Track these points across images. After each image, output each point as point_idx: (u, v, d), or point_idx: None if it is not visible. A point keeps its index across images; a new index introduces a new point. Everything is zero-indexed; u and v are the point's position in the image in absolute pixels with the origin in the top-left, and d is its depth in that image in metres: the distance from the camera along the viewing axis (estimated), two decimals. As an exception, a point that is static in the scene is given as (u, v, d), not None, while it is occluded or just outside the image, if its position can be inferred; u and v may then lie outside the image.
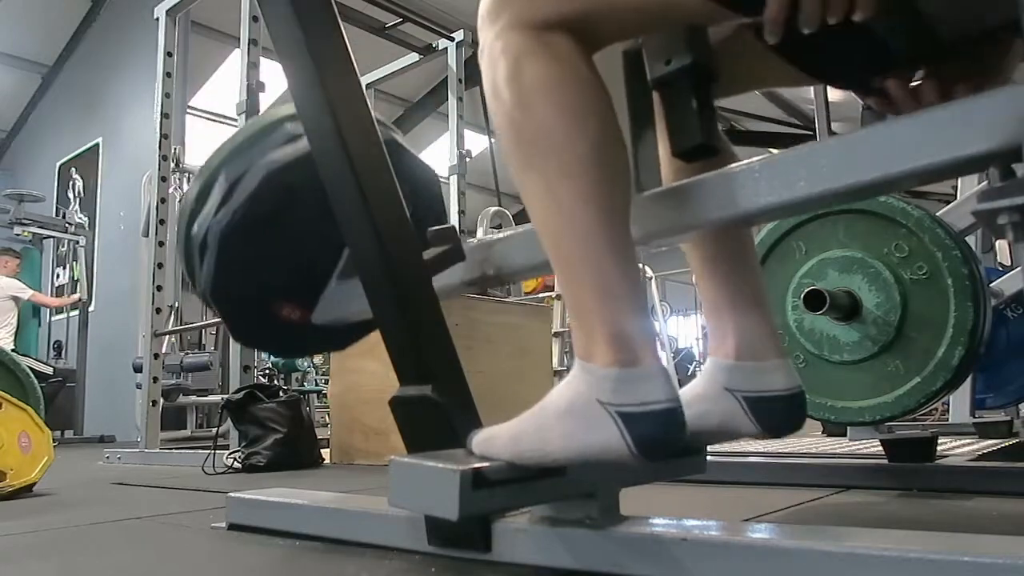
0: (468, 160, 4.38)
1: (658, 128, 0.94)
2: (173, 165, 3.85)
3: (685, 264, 1.04)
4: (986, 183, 0.69)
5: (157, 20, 3.72)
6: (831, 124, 2.05)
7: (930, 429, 2.23)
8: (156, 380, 3.47)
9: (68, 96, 8.40)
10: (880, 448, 1.68)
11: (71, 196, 8.08)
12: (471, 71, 1.02)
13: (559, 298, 4.98)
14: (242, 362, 3.07)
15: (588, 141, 0.79)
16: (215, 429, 2.90)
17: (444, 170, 4.55)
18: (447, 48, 4.58)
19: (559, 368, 5.03)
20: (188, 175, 4.78)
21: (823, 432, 2.74)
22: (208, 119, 8.42)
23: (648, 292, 7.29)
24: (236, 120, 3.27)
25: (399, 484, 0.84)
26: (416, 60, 4.79)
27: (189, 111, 7.14)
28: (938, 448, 1.67)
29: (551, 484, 0.84)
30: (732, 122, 7.28)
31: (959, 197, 2.21)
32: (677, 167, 0.96)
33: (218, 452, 2.57)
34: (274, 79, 2.66)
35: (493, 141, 5.79)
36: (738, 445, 2.21)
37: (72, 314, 7.18)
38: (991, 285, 1.82)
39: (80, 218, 7.76)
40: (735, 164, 0.84)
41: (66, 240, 7.50)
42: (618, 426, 0.74)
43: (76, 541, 1.25)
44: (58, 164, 8.33)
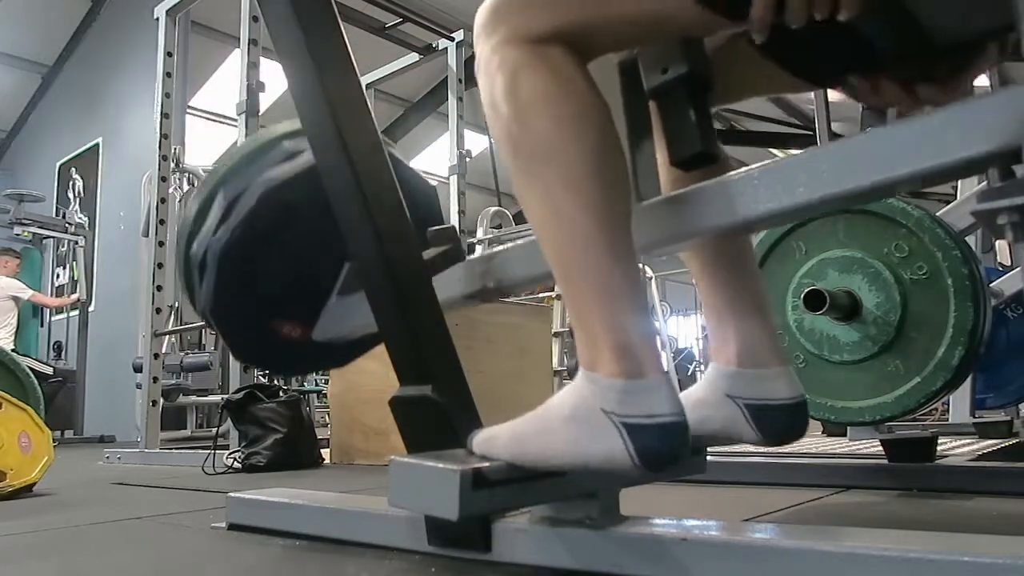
0: (468, 160, 4.38)
1: (655, 137, 0.94)
2: (173, 165, 3.86)
3: (685, 264, 1.04)
4: (986, 183, 0.68)
5: (157, 20, 3.72)
6: (831, 124, 2.05)
7: (930, 429, 2.22)
8: (156, 380, 3.47)
9: (68, 96, 8.40)
10: (880, 448, 1.68)
11: (71, 196, 8.08)
12: (471, 71, 1.02)
13: (559, 298, 4.99)
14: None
15: (587, 152, 0.79)
16: (215, 429, 2.90)
17: (444, 170, 4.56)
18: (447, 48, 4.58)
19: (559, 368, 5.03)
20: (188, 175, 4.78)
21: (823, 432, 2.74)
22: (208, 119, 8.43)
23: (648, 292, 7.29)
24: (236, 120, 3.28)
25: (399, 484, 0.84)
26: (416, 60, 4.79)
27: (189, 111, 7.14)
28: (938, 448, 1.67)
29: (551, 484, 0.84)
30: (732, 122, 7.29)
31: (959, 197, 2.21)
32: (675, 176, 0.96)
33: (218, 452, 2.57)
34: (274, 79, 2.66)
35: (493, 141, 5.79)
36: (738, 445, 2.20)
37: (72, 314, 7.18)
38: (991, 285, 1.82)
39: (80, 218, 7.75)
40: (734, 171, 0.84)
41: (66, 240, 7.50)
42: (622, 437, 0.74)
43: (76, 541, 1.25)
44: (58, 164, 8.32)
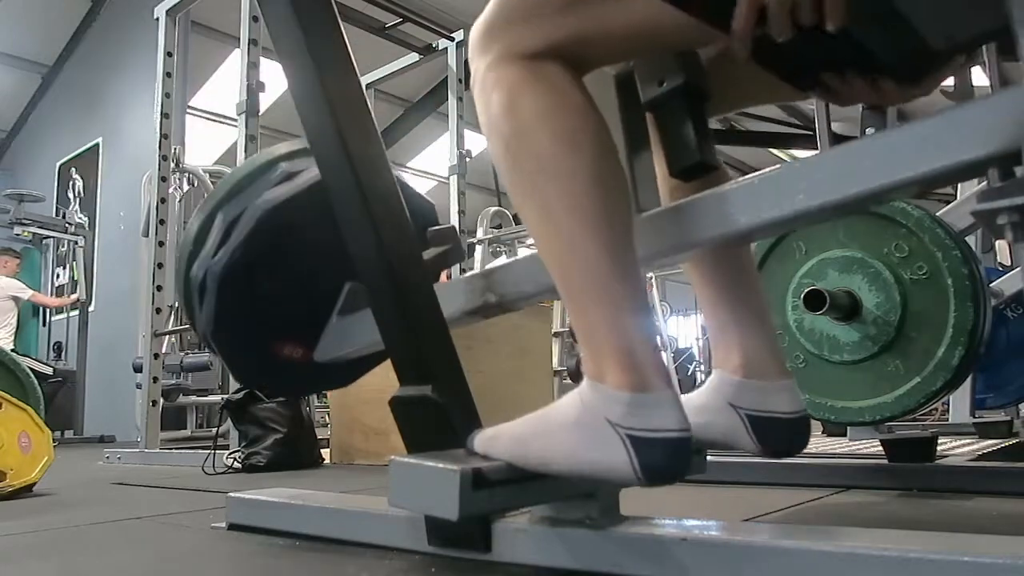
0: (468, 160, 4.38)
1: (654, 148, 0.93)
2: (173, 165, 3.85)
3: (686, 275, 1.04)
4: (985, 183, 0.68)
5: (157, 20, 3.72)
6: (831, 124, 2.05)
7: (930, 429, 2.23)
8: (156, 380, 3.47)
9: (68, 96, 8.40)
10: (880, 448, 1.68)
11: (71, 196, 8.08)
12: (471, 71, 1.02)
13: (559, 298, 4.98)
14: (242, 362, 3.06)
15: (586, 167, 0.79)
16: (215, 429, 2.90)
17: (444, 170, 4.56)
18: (447, 48, 4.58)
19: (559, 368, 5.04)
20: (188, 175, 4.78)
21: (823, 432, 2.74)
22: (208, 119, 8.42)
23: (648, 294, 7.28)
24: (236, 120, 3.28)
25: (399, 484, 0.84)
26: (416, 60, 4.79)
27: (189, 111, 7.14)
28: (938, 448, 1.66)
29: (551, 484, 0.84)
30: (732, 122, 7.29)
31: (959, 197, 2.21)
32: (674, 186, 0.97)
33: (218, 452, 2.57)
34: (274, 79, 2.66)
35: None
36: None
37: (72, 314, 7.18)
38: (991, 285, 1.82)
39: (80, 218, 7.75)
40: (734, 180, 0.84)
41: (66, 240, 7.50)
42: (626, 449, 0.74)
43: (76, 541, 1.25)
44: (58, 164, 8.32)
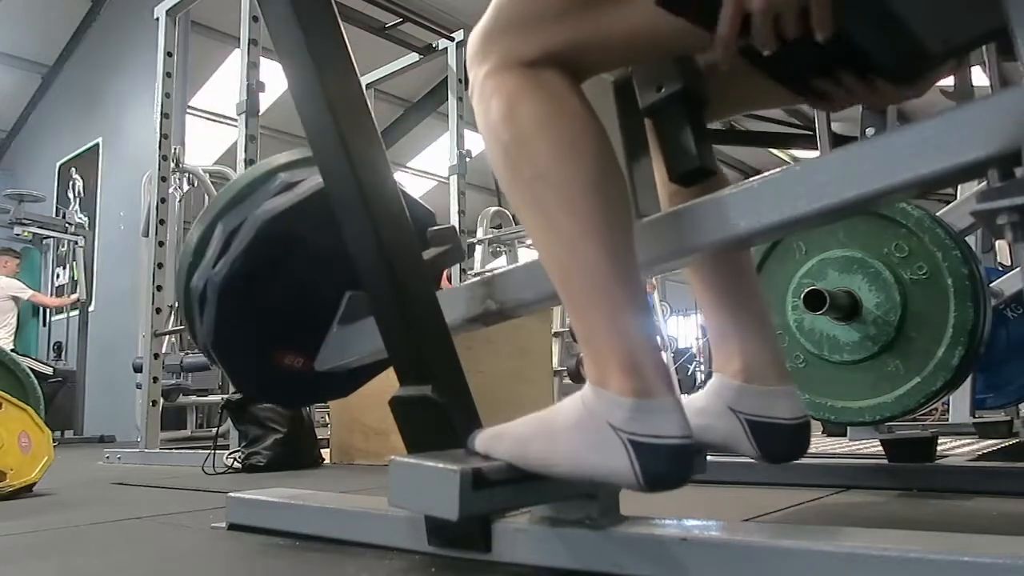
0: (468, 160, 4.38)
1: (653, 154, 0.93)
2: (173, 165, 3.85)
3: (687, 281, 1.03)
4: (985, 183, 0.68)
5: (157, 20, 3.72)
6: (831, 124, 2.05)
7: (930, 429, 2.23)
8: (156, 380, 3.47)
9: (68, 96, 8.40)
10: (880, 448, 1.68)
11: (71, 196, 8.07)
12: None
13: (559, 305, 4.98)
14: (242, 362, 3.06)
15: (585, 173, 0.79)
16: (215, 429, 2.90)
17: (444, 170, 4.55)
18: (447, 48, 4.58)
19: (559, 368, 5.03)
20: (188, 175, 4.78)
21: (823, 432, 2.74)
22: (208, 119, 8.42)
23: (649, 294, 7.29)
24: (236, 120, 3.28)
25: (399, 484, 0.84)
26: (416, 60, 4.79)
27: (189, 111, 7.13)
28: (938, 448, 1.66)
29: (551, 484, 0.84)
30: (732, 122, 7.28)
31: (959, 197, 2.21)
32: (673, 191, 0.96)
33: (218, 452, 2.57)
34: (274, 79, 2.66)
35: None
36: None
37: (72, 314, 7.17)
38: (991, 285, 1.82)
39: (80, 218, 7.75)
40: (735, 185, 0.84)
41: (66, 240, 7.50)
42: (628, 454, 0.74)
43: (76, 541, 1.25)
44: (58, 164, 8.32)
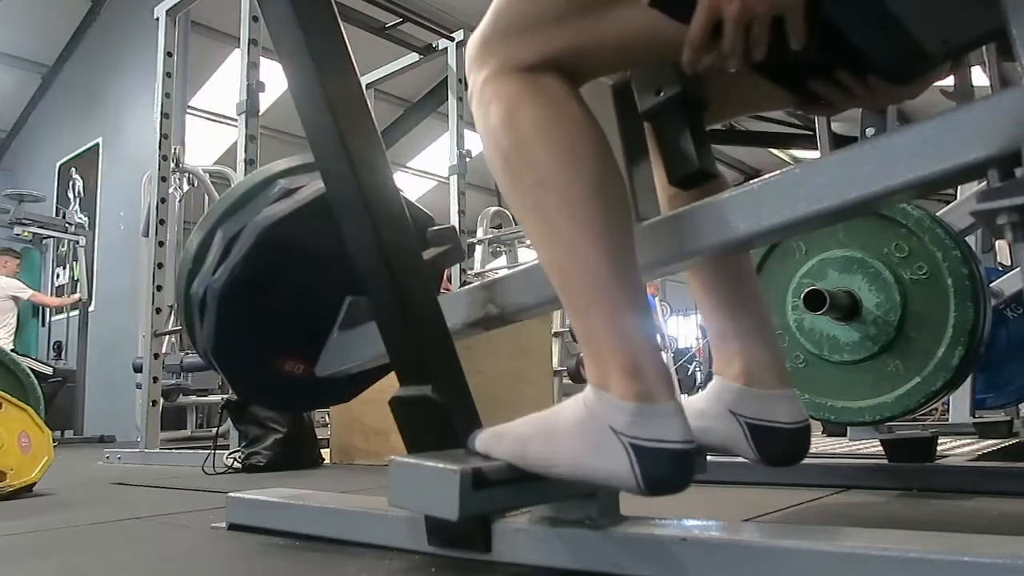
0: (468, 160, 4.38)
1: (652, 157, 0.93)
2: (173, 165, 3.85)
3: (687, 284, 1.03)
4: (985, 183, 0.68)
5: (157, 20, 3.72)
6: (831, 123, 2.05)
7: (930, 429, 2.23)
8: (156, 380, 3.48)
9: (68, 96, 8.40)
10: (880, 448, 1.68)
11: (71, 196, 8.07)
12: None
13: (560, 309, 4.97)
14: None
15: (585, 178, 0.79)
16: (215, 429, 2.90)
17: (444, 170, 4.56)
18: (447, 48, 4.58)
19: (559, 368, 5.03)
20: (188, 175, 4.78)
21: (823, 432, 2.74)
22: (208, 119, 8.42)
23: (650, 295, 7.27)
24: (236, 120, 3.28)
25: (399, 484, 0.84)
26: (416, 60, 4.79)
27: (189, 111, 7.13)
28: (938, 448, 1.66)
29: (551, 484, 0.84)
30: (732, 122, 7.29)
31: (959, 197, 2.21)
32: (673, 194, 0.97)
33: (218, 452, 2.57)
34: (274, 79, 2.66)
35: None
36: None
37: (72, 314, 7.17)
38: (991, 285, 1.82)
39: (80, 218, 7.75)
40: (735, 188, 0.84)
41: (66, 240, 7.50)
42: (629, 457, 0.74)
43: (76, 541, 1.25)
44: (58, 164, 8.32)
